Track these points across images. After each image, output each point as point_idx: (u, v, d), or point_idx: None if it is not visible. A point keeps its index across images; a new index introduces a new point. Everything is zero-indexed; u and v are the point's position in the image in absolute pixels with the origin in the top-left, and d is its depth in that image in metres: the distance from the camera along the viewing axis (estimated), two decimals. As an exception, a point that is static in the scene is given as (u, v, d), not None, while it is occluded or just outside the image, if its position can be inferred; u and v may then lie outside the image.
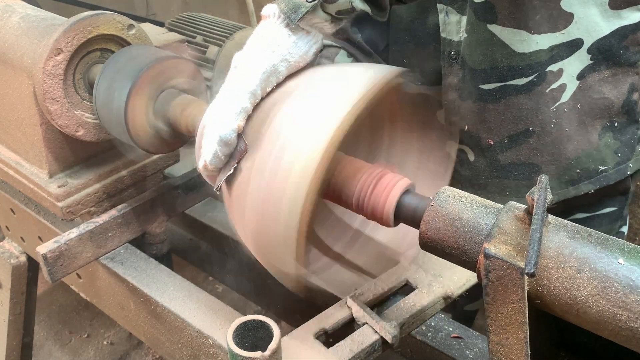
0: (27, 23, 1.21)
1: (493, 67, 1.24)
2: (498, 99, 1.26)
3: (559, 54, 1.21)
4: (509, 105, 1.26)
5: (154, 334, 1.22)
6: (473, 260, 0.76)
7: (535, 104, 1.25)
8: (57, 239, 1.18)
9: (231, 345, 0.81)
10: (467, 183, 1.39)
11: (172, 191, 1.35)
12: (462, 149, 1.37)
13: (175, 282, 1.19)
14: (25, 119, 1.21)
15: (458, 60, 1.28)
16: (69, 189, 1.21)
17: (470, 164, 1.37)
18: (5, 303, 1.65)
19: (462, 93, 1.30)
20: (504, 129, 1.29)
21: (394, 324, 1.01)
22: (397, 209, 0.85)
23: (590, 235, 0.72)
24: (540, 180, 0.74)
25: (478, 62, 1.25)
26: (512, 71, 1.23)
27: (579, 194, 1.31)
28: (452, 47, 1.28)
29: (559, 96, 1.24)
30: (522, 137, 1.28)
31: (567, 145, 1.27)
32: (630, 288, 0.66)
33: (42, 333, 2.57)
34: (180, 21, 1.57)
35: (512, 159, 1.31)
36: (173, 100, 1.09)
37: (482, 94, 1.27)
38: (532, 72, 1.22)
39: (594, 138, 1.27)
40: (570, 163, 1.28)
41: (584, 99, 1.25)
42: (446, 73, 1.31)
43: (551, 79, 1.23)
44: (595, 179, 1.29)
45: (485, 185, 1.36)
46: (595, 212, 1.38)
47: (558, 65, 1.22)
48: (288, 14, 0.89)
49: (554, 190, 1.31)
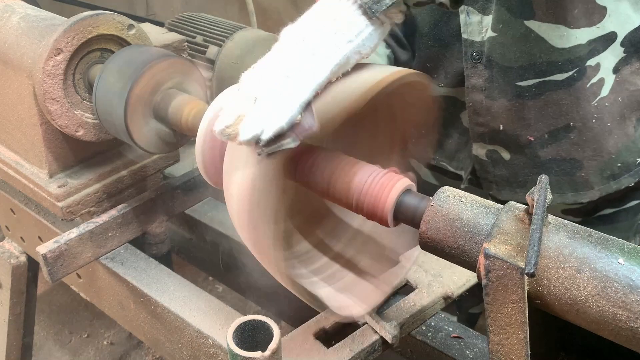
0: (27, 23, 1.21)
1: (531, 64, 1.24)
2: (537, 95, 1.26)
3: (596, 48, 1.22)
4: (548, 101, 1.26)
5: (154, 334, 1.22)
6: (473, 260, 0.76)
7: (576, 99, 1.25)
8: (57, 239, 1.18)
9: (231, 345, 0.81)
10: (503, 182, 1.39)
11: (172, 191, 1.35)
12: (494, 150, 1.36)
13: (175, 282, 1.19)
14: (25, 119, 1.21)
15: (482, 60, 1.28)
16: (69, 189, 1.21)
17: (506, 162, 1.36)
18: (5, 303, 1.65)
19: (491, 93, 1.30)
20: (544, 125, 1.29)
21: (394, 324, 1.01)
22: (396, 209, 0.85)
23: (590, 235, 0.72)
24: (540, 180, 0.74)
25: (514, 60, 1.25)
26: (551, 66, 1.23)
27: (619, 188, 1.32)
28: (474, 48, 1.28)
29: (599, 91, 1.25)
30: (562, 132, 1.28)
31: (609, 139, 1.28)
32: (630, 288, 0.66)
33: (42, 333, 2.57)
34: (180, 21, 1.57)
35: (552, 155, 1.31)
36: (173, 100, 1.09)
37: (520, 91, 1.27)
38: (572, 67, 1.23)
39: (630, 130, 1.28)
40: (612, 157, 1.29)
41: (622, 93, 1.26)
42: (469, 74, 1.30)
43: (591, 74, 1.23)
44: (635, 171, 1.30)
45: (525, 183, 1.36)
46: (622, 207, 1.39)
47: (596, 60, 1.23)
48: (369, 4, 0.80)
49: (596, 187, 1.32)
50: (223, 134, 0.79)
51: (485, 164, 1.39)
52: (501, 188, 1.40)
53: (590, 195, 1.33)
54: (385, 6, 0.81)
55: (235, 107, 0.79)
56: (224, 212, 0.95)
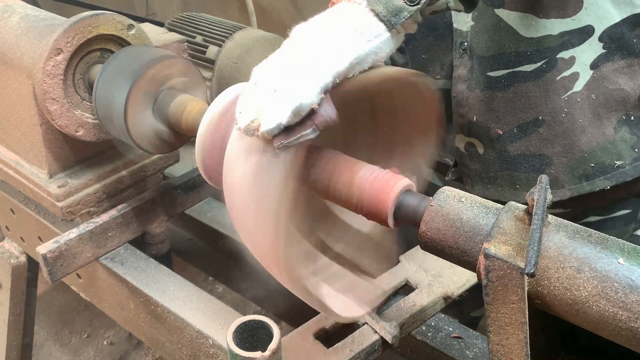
0: (26, 23, 1.21)
1: (501, 54, 1.22)
2: (506, 86, 1.24)
3: (570, 40, 1.19)
4: (517, 92, 1.24)
5: (154, 334, 1.22)
6: (473, 260, 0.76)
7: (545, 92, 1.22)
8: (57, 239, 1.18)
9: (231, 345, 0.81)
10: (476, 177, 1.36)
11: (172, 191, 1.35)
12: (471, 142, 1.34)
13: (175, 282, 1.19)
14: (25, 119, 1.21)
15: (467, 51, 1.26)
16: (69, 189, 1.21)
17: (479, 157, 1.34)
18: (5, 303, 1.65)
19: (470, 83, 1.28)
20: (513, 118, 1.26)
21: (394, 324, 1.01)
22: (396, 209, 0.85)
23: (590, 235, 0.72)
24: (540, 180, 0.74)
25: (486, 49, 1.23)
26: (519, 57, 1.21)
27: (593, 190, 1.26)
28: (462, 38, 1.26)
29: (571, 85, 1.21)
30: (531, 126, 1.25)
31: (581, 136, 1.23)
32: (630, 288, 0.66)
33: (42, 333, 2.57)
34: (180, 21, 1.57)
35: (521, 150, 1.28)
36: (173, 100, 1.09)
37: (491, 82, 1.25)
38: (541, 57, 1.20)
39: (609, 131, 1.23)
40: (584, 156, 1.24)
41: (599, 90, 1.22)
42: (457, 64, 1.29)
43: (562, 67, 1.21)
44: (612, 174, 1.25)
45: (496, 179, 1.33)
46: (609, 215, 1.34)
47: (570, 53, 1.20)
48: (387, 17, 0.81)
49: (567, 185, 1.27)
50: (249, 129, 0.78)
51: (464, 156, 1.37)
52: (475, 183, 1.37)
53: (561, 195, 1.28)
54: (404, 18, 0.82)
55: (256, 100, 0.77)
56: (224, 212, 0.95)
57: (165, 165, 1.35)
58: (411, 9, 0.82)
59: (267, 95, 0.77)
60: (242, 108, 0.79)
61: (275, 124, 0.75)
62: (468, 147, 1.35)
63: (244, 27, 1.50)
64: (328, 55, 0.77)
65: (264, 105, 0.76)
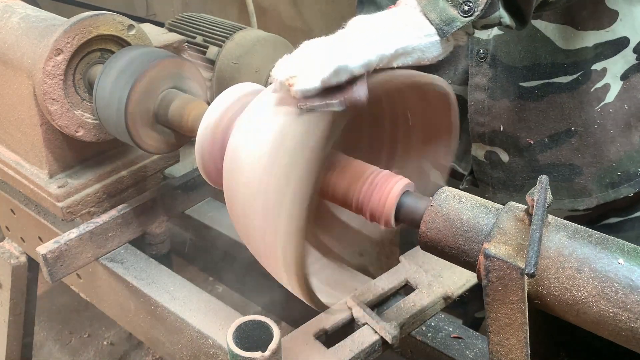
0: (27, 23, 1.21)
1: (536, 64, 1.22)
2: (540, 96, 1.24)
3: (603, 52, 1.20)
4: (551, 103, 1.24)
5: (154, 335, 1.22)
6: (473, 260, 0.77)
7: (579, 103, 1.23)
8: (57, 239, 1.18)
9: (231, 345, 0.81)
10: (500, 185, 1.37)
11: (172, 191, 1.35)
12: (492, 151, 1.34)
13: (175, 282, 1.19)
14: (25, 119, 1.21)
15: (487, 59, 1.26)
16: (69, 189, 1.21)
17: (504, 165, 1.34)
18: (5, 303, 1.65)
19: (493, 92, 1.28)
20: (545, 128, 1.27)
21: (394, 324, 1.01)
22: (397, 210, 0.85)
23: (590, 235, 0.72)
24: (540, 180, 0.74)
25: (519, 59, 1.23)
26: (555, 68, 1.21)
27: (618, 197, 1.29)
28: (480, 45, 1.26)
29: (604, 96, 1.22)
30: (563, 136, 1.26)
31: (610, 147, 1.25)
32: (630, 288, 0.66)
33: (42, 333, 2.57)
34: (180, 21, 1.57)
35: (552, 159, 1.29)
36: (173, 101, 1.09)
37: (523, 92, 1.25)
38: (577, 70, 1.21)
39: (635, 139, 1.25)
40: (612, 165, 1.26)
41: (630, 100, 1.23)
42: (473, 72, 1.29)
43: (595, 78, 1.21)
44: (635, 181, 1.28)
45: (522, 187, 1.34)
46: (629, 216, 1.36)
47: (602, 64, 1.21)
48: (440, 25, 0.82)
49: (594, 194, 1.29)
50: (283, 84, 0.78)
51: (483, 165, 1.38)
52: (497, 191, 1.38)
53: (588, 203, 1.30)
54: (456, 28, 0.83)
55: (299, 60, 0.79)
56: (224, 212, 0.95)
57: (165, 166, 1.35)
58: (464, 19, 0.83)
59: (313, 55, 0.78)
60: (283, 64, 0.79)
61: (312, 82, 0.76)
62: (489, 156, 1.35)
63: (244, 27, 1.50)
64: (376, 38, 0.79)
65: (308, 62, 0.77)
